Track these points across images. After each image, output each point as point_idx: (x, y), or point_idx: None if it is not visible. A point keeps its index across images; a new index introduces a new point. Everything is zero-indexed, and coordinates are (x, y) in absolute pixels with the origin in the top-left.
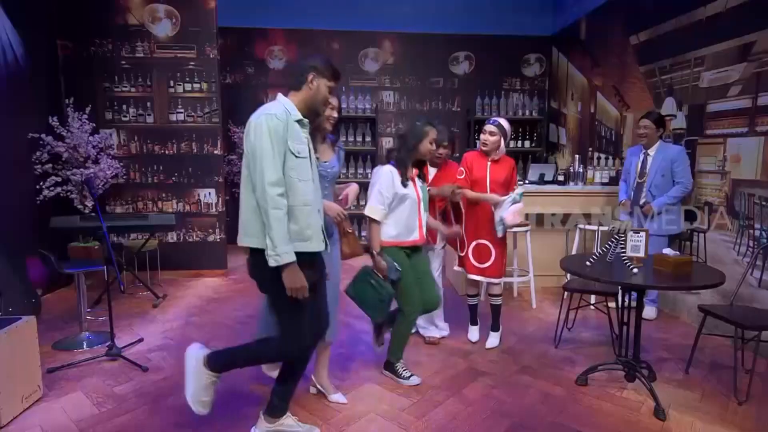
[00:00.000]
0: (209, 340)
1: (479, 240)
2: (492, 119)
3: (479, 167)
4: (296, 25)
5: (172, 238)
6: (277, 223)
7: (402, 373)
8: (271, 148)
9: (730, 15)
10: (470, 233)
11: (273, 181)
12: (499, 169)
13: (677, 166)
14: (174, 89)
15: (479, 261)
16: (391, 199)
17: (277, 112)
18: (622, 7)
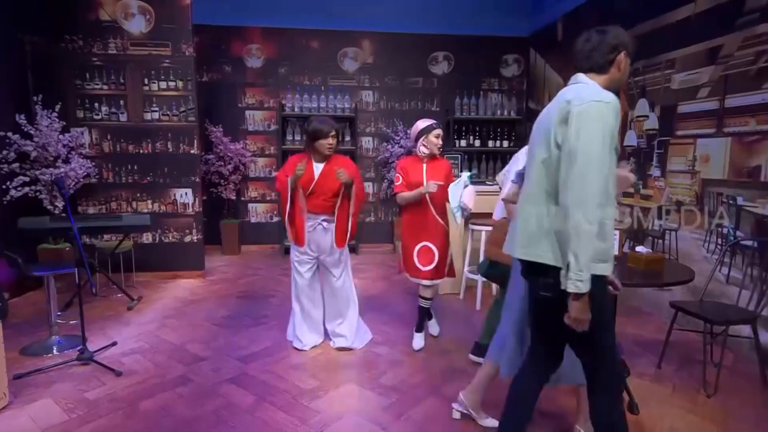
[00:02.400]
0: (186, 342)
1: (423, 243)
2: (432, 122)
3: (415, 171)
4: (274, 23)
5: (148, 238)
6: (589, 243)
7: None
8: (602, 147)
9: (699, 19)
10: (413, 236)
11: (599, 191)
12: (435, 170)
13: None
14: (148, 87)
15: (424, 263)
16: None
17: (607, 98)
18: (596, 9)
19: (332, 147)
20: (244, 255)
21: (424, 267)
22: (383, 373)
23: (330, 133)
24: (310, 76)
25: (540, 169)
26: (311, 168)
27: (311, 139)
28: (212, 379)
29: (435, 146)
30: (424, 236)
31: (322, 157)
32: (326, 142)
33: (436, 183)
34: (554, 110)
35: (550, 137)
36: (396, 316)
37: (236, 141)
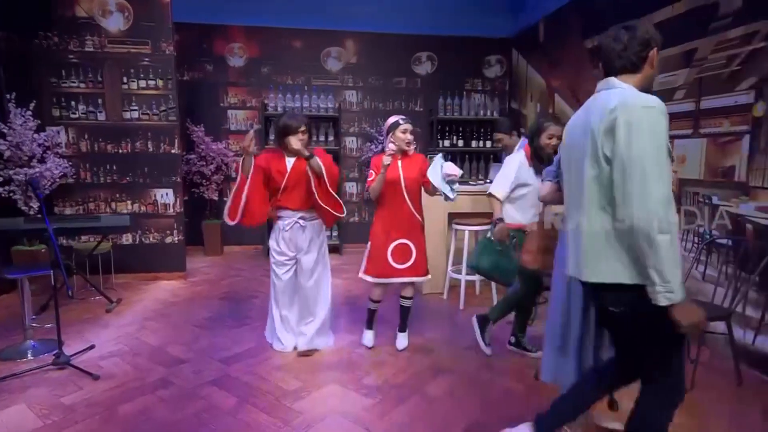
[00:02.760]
0: (167, 344)
1: (399, 240)
2: (399, 118)
3: (390, 168)
4: (257, 22)
5: (127, 240)
6: (666, 251)
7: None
8: (657, 155)
9: (675, 23)
10: (389, 234)
11: (662, 198)
12: (410, 166)
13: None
14: (127, 86)
15: (399, 261)
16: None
17: (653, 102)
18: (577, 11)
19: (303, 142)
20: (226, 256)
21: (399, 265)
22: (367, 374)
23: (299, 129)
24: (293, 75)
25: (592, 186)
26: (284, 163)
27: (281, 135)
28: (193, 381)
29: (402, 141)
30: (400, 233)
31: (295, 152)
32: (296, 138)
33: (390, 155)
34: (595, 120)
35: (598, 151)
36: (379, 316)
37: (218, 140)
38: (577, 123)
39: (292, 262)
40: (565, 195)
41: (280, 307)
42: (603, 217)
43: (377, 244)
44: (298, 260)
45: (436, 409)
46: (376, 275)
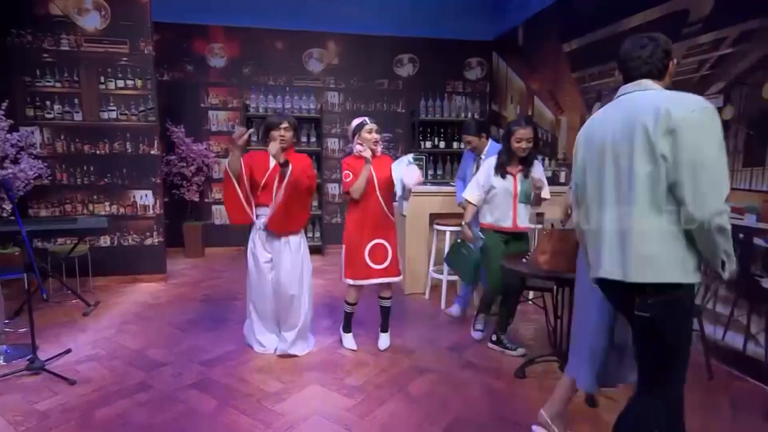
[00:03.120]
0: (146, 347)
1: (375, 240)
2: (365, 119)
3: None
4: (237, 23)
5: (105, 242)
6: (729, 236)
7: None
8: (720, 152)
9: (649, 28)
10: (364, 235)
11: (727, 192)
12: (380, 167)
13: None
14: (105, 85)
15: (377, 262)
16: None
17: (706, 102)
18: (555, 16)
19: (285, 139)
20: (208, 257)
21: (377, 265)
22: (348, 374)
23: (281, 125)
24: (274, 76)
25: (645, 183)
26: (267, 161)
27: (265, 133)
28: (173, 384)
29: (370, 141)
30: (376, 233)
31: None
32: (277, 134)
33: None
34: (648, 119)
35: (654, 149)
36: (361, 317)
37: (199, 141)
38: (611, 122)
39: (270, 263)
40: (584, 195)
41: (258, 309)
42: (655, 215)
43: (354, 245)
44: (276, 263)
45: (418, 408)
46: (355, 277)
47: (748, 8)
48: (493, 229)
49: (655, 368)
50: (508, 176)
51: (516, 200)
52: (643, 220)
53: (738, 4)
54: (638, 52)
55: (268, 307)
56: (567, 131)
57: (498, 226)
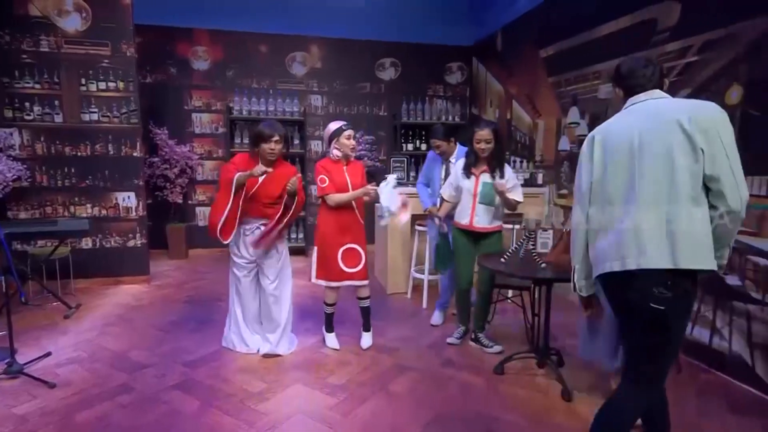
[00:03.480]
0: (128, 349)
1: (348, 244)
2: (343, 123)
3: (338, 173)
4: (221, 26)
5: (87, 244)
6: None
7: (484, 342)
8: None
9: (620, 36)
10: (336, 239)
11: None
12: (353, 172)
13: None
14: (86, 87)
15: (350, 265)
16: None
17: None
18: (532, 23)
19: (273, 152)
20: (191, 259)
21: (350, 269)
22: (331, 373)
23: (272, 138)
24: (258, 79)
25: (685, 177)
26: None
27: (254, 143)
28: (156, 386)
29: (347, 147)
30: (348, 238)
31: (266, 162)
32: (267, 147)
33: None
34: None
35: (696, 145)
36: (344, 317)
37: (182, 144)
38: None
39: (253, 266)
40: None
41: (244, 310)
42: (695, 206)
43: (328, 248)
44: (260, 266)
45: (399, 406)
46: (328, 279)
47: (711, 19)
48: (457, 226)
49: (651, 361)
50: (471, 176)
51: (475, 200)
52: (689, 211)
53: (702, 16)
54: (642, 71)
55: (251, 309)
56: (544, 134)
57: (458, 223)
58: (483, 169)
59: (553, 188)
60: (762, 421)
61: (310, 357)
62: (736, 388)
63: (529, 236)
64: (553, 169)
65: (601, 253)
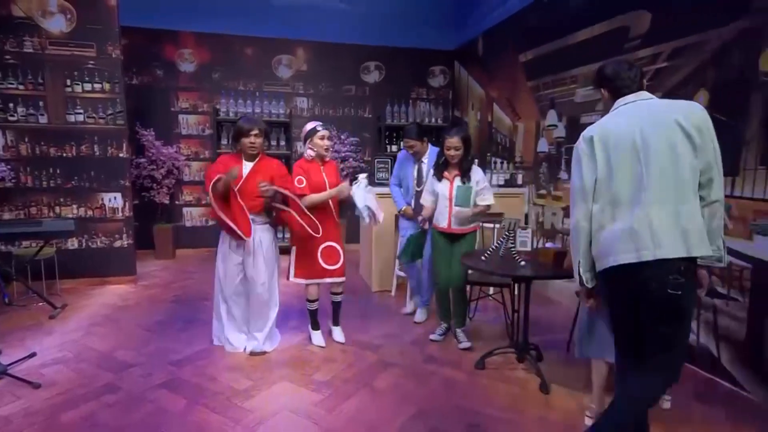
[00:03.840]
0: (114, 349)
1: (328, 242)
2: (317, 124)
3: (315, 172)
4: (207, 29)
5: (73, 244)
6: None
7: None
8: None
9: (595, 42)
10: (317, 237)
11: None
12: (330, 171)
13: None
14: (71, 89)
15: (330, 263)
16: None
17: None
18: (512, 29)
19: (254, 146)
20: (178, 259)
21: (330, 266)
22: (317, 370)
23: (251, 131)
24: (244, 81)
25: (689, 171)
26: (240, 168)
27: (235, 139)
28: (142, 385)
29: (321, 148)
30: (328, 236)
31: (248, 156)
32: (248, 141)
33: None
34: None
35: (693, 140)
36: (330, 315)
37: (169, 145)
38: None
39: (240, 264)
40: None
41: (230, 307)
42: (695, 198)
43: (308, 246)
44: (248, 264)
45: (383, 401)
46: (308, 276)
47: (680, 27)
48: (436, 228)
49: (667, 349)
50: (444, 180)
51: (451, 204)
52: (694, 203)
53: (671, 24)
54: (627, 73)
55: (238, 308)
56: (523, 136)
57: (437, 226)
58: (455, 174)
59: (533, 188)
60: (726, 409)
61: (295, 354)
62: (703, 378)
63: (509, 235)
64: (532, 170)
65: (609, 247)
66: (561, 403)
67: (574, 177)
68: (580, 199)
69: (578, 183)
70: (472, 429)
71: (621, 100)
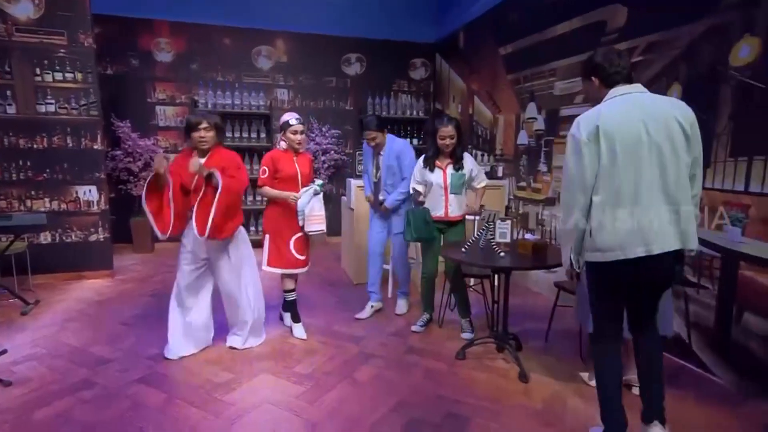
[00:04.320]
0: (90, 344)
1: (299, 233)
2: (290, 118)
3: (287, 163)
4: (183, 18)
5: (46, 239)
6: None
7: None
8: None
9: (573, 35)
10: (287, 228)
11: None
12: (302, 162)
13: (402, 161)
14: (41, 78)
15: (301, 253)
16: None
17: None
18: (492, 21)
19: (204, 140)
20: (157, 252)
21: (300, 256)
22: (298, 362)
23: (199, 125)
24: (223, 72)
25: (685, 168)
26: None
27: (187, 134)
28: (119, 380)
29: (293, 142)
30: (297, 227)
31: (200, 151)
32: (197, 135)
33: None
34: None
35: (690, 140)
36: (312, 307)
37: (146, 137)
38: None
39: (202, 263)
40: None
41: (184, 311)
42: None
43: (280, 236)
44: (214, 263)
45: (364, 392)
46: (282, 266)
47: (653, 23)
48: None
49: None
50: (437, 170)
51: (447, 191)
52: (687, 197)
53: (646, 19)
54: (618, 61)
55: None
56: (504, 128)
57: (434, 215)
58: (448, 162)
59: (513, 180)
60: (695, 391)
61: (277, 347)
62: (675, 363)
63: (489, 227)
64: (512, 163)
65: (614, 241)
66: (539, 391)
67: (572, 168)
68: (578, 191)
69: (577, 175)
70: (452, 418)
71: (615, 90)
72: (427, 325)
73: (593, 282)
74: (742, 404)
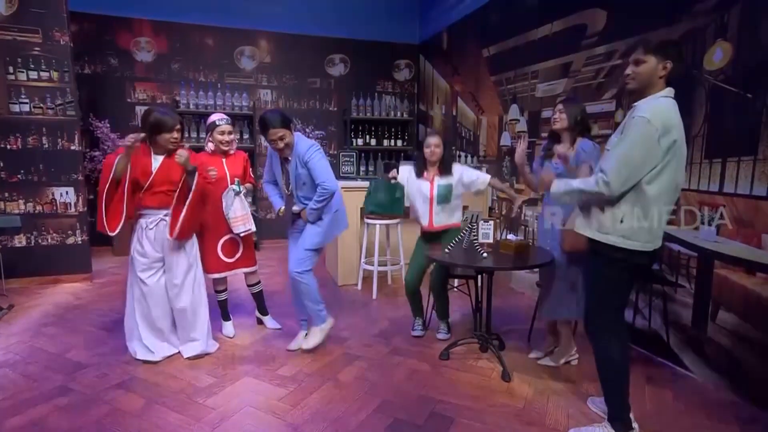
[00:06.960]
0: (66, 350)
1: (228, 235)
2: (217, 119)
3: (217, 166)
4: (163, 17)
5: (20, 242)
6: None
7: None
8: None
9: (555, 38)
10: (217, 230)
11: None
12: (233, 164)
13: (312, 169)
14: (15, 76)
15: (229, 255)
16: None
17: None
18: (475, 23)
19: (177, 141)
20: None
21: (229, 259)
22: (281, 365)
23: (175, 127)
24: (205, 72)
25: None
26: (149, 162)
27: (153, 132)
28: (97, 386)
29: (219, 143)
30: (226, 229)
31: (164, 150)
32: (170, 136)
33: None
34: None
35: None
36: (281, 311)
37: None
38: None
39: (159, 265)
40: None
41: (154, 318)
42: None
43: (209, 240)
44: (167, 266)
45: (348, 394)
46: (209, 271)
47: (632, 26)
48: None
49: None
50: (425, 182)
51: (432, 202)
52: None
53: (625, 22)
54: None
55: (159, 312)
56: (487, 130)
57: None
58: (435, 173)
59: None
60: (673, 388)
61: (260, 350)
62: (654, 361)
63: (471, 227)
64: (495, 164)
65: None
66: (522, 390)
67: (634, 152)
68: (626, 175)
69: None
70: (436, 418)
71: (671, 90)
72: (425, 327)
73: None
74: (718, 400)
